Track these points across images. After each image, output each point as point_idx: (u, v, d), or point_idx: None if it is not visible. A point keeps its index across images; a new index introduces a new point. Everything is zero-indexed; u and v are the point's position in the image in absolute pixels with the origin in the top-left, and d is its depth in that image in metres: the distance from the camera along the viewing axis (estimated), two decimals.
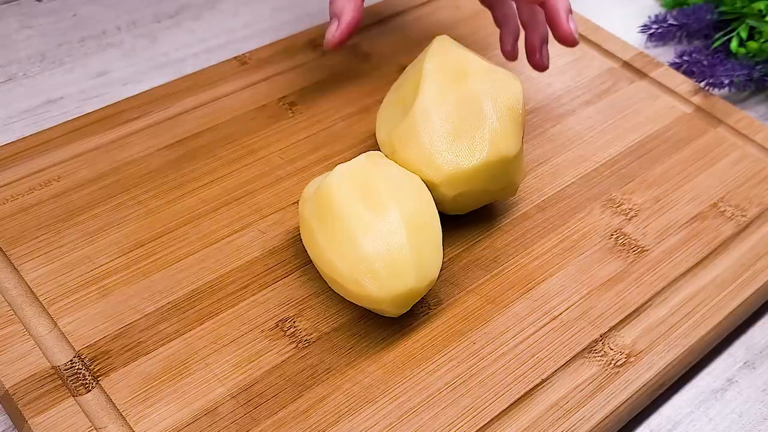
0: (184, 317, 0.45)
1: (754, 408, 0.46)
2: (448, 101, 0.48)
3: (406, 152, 0.48)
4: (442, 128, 0.47)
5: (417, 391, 0.43)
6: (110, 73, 0.63)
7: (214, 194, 0.51)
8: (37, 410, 0.41)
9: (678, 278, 0.49)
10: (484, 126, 0.47)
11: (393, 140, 0.49)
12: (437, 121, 0.48)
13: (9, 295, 0.45)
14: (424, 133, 0.48)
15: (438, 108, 0.48)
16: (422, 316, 0.46)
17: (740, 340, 0.49)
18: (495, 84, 0.49)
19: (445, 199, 0.48)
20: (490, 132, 0.47)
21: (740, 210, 0.53)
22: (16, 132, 0.57)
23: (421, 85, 0.49)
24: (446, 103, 0.48)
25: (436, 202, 0.48)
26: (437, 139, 0.47)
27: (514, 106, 0.49)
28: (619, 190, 0.54)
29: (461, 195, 0.48)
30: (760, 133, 0.58)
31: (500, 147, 0.47)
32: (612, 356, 0.45)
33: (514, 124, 0.48)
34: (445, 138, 0.47)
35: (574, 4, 0.70)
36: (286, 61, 0.61)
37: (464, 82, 0.49)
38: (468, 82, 0.49)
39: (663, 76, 0.62)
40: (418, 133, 0.48)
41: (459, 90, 0.49)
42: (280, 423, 0.41)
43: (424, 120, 0.48)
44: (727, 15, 0.68)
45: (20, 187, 0.51)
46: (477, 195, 0.48)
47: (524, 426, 0.42)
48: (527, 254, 0.49)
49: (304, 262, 0.48)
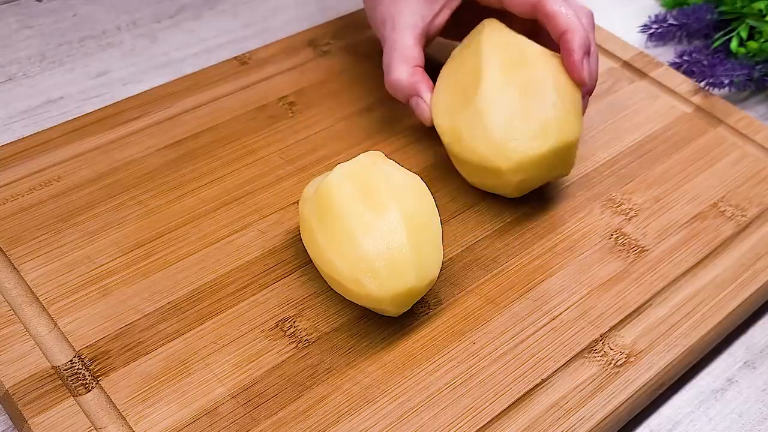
0: (184, 317, 0.45)
1: (754, 408, 0.46)
2: (511, 87, 0.49)
3: (473, 140, 0.48)
4: (508, 115, 0.48)
5: (417, 391, 0.43)
6: (110, 73, 0.63)
7: (214, 194, 0.51)
8: (37, 410, 0.41)
9: (678, 278, 0.49)
10: (549, 111, 0.48)
11: (457, 128, 0.49)
12: (503, 108, 0.48)
13: (9, 295, 0.45)
14: (491, 120, 0.48)
15: (502, 95, 0.48)
16: (422, 316, 0.46)
17: (740, 340, 0.49)
18: (555, 69, 0.50)
19: (509, 184, 0.49)
20: (556, 117, 0.48)
21: (740, 210, 0.53)
22: (16, 132, 0.57)
23: (482, 72, 0.49)
24: (510, 90, 0.49)
25: (499, 187, 0.50)
26: (505, 126, 0.48)
27: (575, 91, 0.50)
28: (619, 190, 0.54)
29: (525, 180, 0.49)
30: (760, 133, 0.58)
31: (566, 131, 0.48)
32: (612, 356, 0.45)
33: (576, 107, 0.50)
34: (513, 125, 0.48)
35: None
36: (286, 61, 0.61)
37: (525, 67, 0.49)
38: (529, 68, 0.49)
39: (663, 76, 0.62)
40: (485, 121, 0.48)
41: (521, 76, 0.49)
42: (280, 423, 0.41)
43: (490, 107, 0.48)
44: (727, 15, 0.68)
45: (20, 187, 0.51)
46: (540, 178, 0.50)
47: (524, 426, 0.42)
48: (527, 254, 0.49)
49: (304, 262, 0.48)
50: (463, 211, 0.52)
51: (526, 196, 0.52)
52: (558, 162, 0.49)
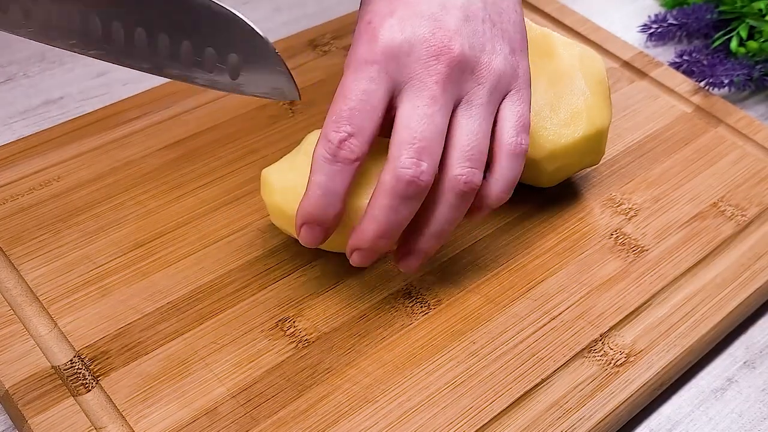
0: (184, 317, 0.45)
1: (754, 408, 0.46)
2: (541, 77, 0.49)
3: None
4: (538, 105, 0.49)
5: (417, 391, 0.43)
6: (110, 73, 0.63)
7: (214, 194, 0.51)
8: (37, 410, 0.41)
9: (678, 278, 0.49)
10: (579, 101, 0.49)
11: None
12: (534, 98, 0.49)
13: (9, 295, 0.45)
14: None
15: (533, 85, 0.49)
16: (422, 316, 0.46)
17: (740, 339, 0.49)
18: (582, 59, 0.50)
19: (543, 173, 0.50)
20: (586, 106, 0.49)
21: (740, 210, 0.53)
22: (16, 132, 0.57)
23: None
24: (540, 80, 0.49)
25: (533, 177, 0.50)
26: (535, 116, 0.48)
27: (602, 80, 0.51)
28: (619, 190, 0.54)
29: (559, 169, 0.50)
30: (760, 132, 0.58)
31: (596, 120, 0.49)
32: (612, 356, 0.45)
33: (604, 96, 0.50)
34: (544, 115, 0.49)
35: (574, 3, 0.70)
36: (286, 61, 0.61)
37: (553, 57, 0.50)
38: (557, 58, 0.50)
39: (663, 75, 0.62)
40: None
41: (550, 66, 0.50)
42: (280, 423, 0.41)
43: None
44: (727, 14, 0.68)
45: (20, 187, 0.51)
46: (572, 166, 0.51)
47: (524, 425, 0.42)
48: (527, 254, 0.49)
49: (304, 262, 0.48)
50: None
51: (526, 196, 0.52)
52: (589, 149, 0.50)
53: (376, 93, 0.41)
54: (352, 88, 0.41)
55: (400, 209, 0.41)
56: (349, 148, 0.40)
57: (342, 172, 0.41)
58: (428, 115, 0.41)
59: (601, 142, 0.50)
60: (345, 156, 0.40)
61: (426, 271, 0.48)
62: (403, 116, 0.41)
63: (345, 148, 0.40)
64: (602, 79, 0.51)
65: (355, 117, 0.40)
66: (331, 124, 0.41)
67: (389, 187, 0.40)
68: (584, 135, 0.49)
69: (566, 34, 0.65)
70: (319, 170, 0.41)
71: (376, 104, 0.41)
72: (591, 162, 0.52)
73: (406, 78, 0.41)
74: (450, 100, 0.42)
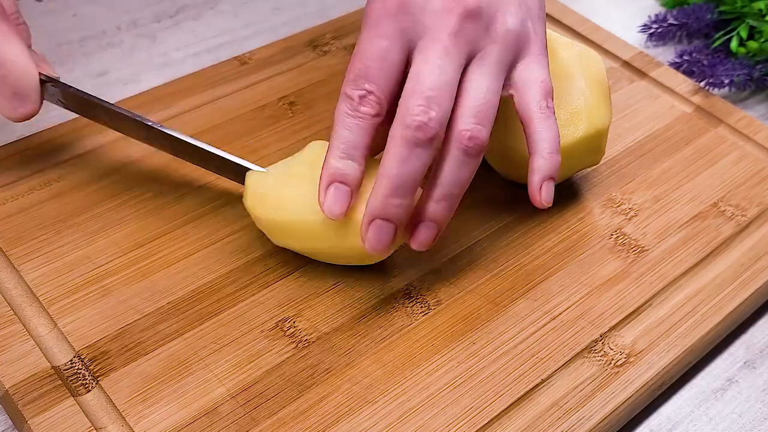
0: (184, 317, 0.45)
1: (754, 408, 0.46)
2: None
3: (505, 132, 0.49)
4: None
5: (417, 391, 0.43)
6: (110, 73, 0.63)
7: (214, 194, 0.51)
8: (37, 410, 0.41)
9: (678, 278, 0.49)
10: (579, 101, 0.49)
11: None
12: None
13: (9, 295, 0.45)
14: None
15: None
16: (422, 317, 0.46)
17: (740, 339, 0.49)
18: (582, 59, 0.51)
19: None
20: (586, 106, 0.49)
21: (740, 210, 0.53)
22: (16, 132, 0.57)
23: None
24: None
25: None
26: None
27: (602, 80, 0.51)
28: (619, 190, 0.54)
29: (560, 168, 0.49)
30: (760, 132, 0.58)
31: (596, 120, 0.49)
32: (612, 356, 0.45)
33: (604, 96, 0.50)
34: None
35: (574, 3, 0.70)
36: (286, 61, 0.61)
37: (553, 57, 0.50)
38: (557, 58, 0.50)
39: (663, 75, 0.62)
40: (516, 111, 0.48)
41: (550, 66, 0.49)
42: (280, 423, 0.41)
43: None
44: (727, 14, 0.68)
45: (20, 187, 0.51)
46: (572, 167, 0.51)
47: (524, 426, 0.42)
48: (527, 254, 0.49)
49: (304, 262, 0.48)
50: (463, 211, 0.51)
51: (526, 197, 0.52)
52: (589, 150, 0.50)
53: (392, 50, 0.42)
54: (369, 47, 0.42)
55: (410, 159, 0.41)
56: (369, 104, 0.41)
57: (363, 127, 0.41)
58: (439, 66, 0.41)
59: (601, 142, 0.51)
60: (366, 111, 0.41)
61: (426, 272, 0.48)
62: (415, 68, 0.42)
63: (365, 104, 0.41)
64: (602, 79, 0.51)
65: (372, 75, 0.41)
66: (349, 83, 0.42)
67: (398, 135, 0.41)
68: (584, 135, 0.49)
69: (566, 34, 0.65)
70: (341, 125, 0.42)
71: (392, 61, 0.42)
72: (591, 162, 0.52)
73: (420, 32, 0.42)
74: (462, 53, 0.42)
